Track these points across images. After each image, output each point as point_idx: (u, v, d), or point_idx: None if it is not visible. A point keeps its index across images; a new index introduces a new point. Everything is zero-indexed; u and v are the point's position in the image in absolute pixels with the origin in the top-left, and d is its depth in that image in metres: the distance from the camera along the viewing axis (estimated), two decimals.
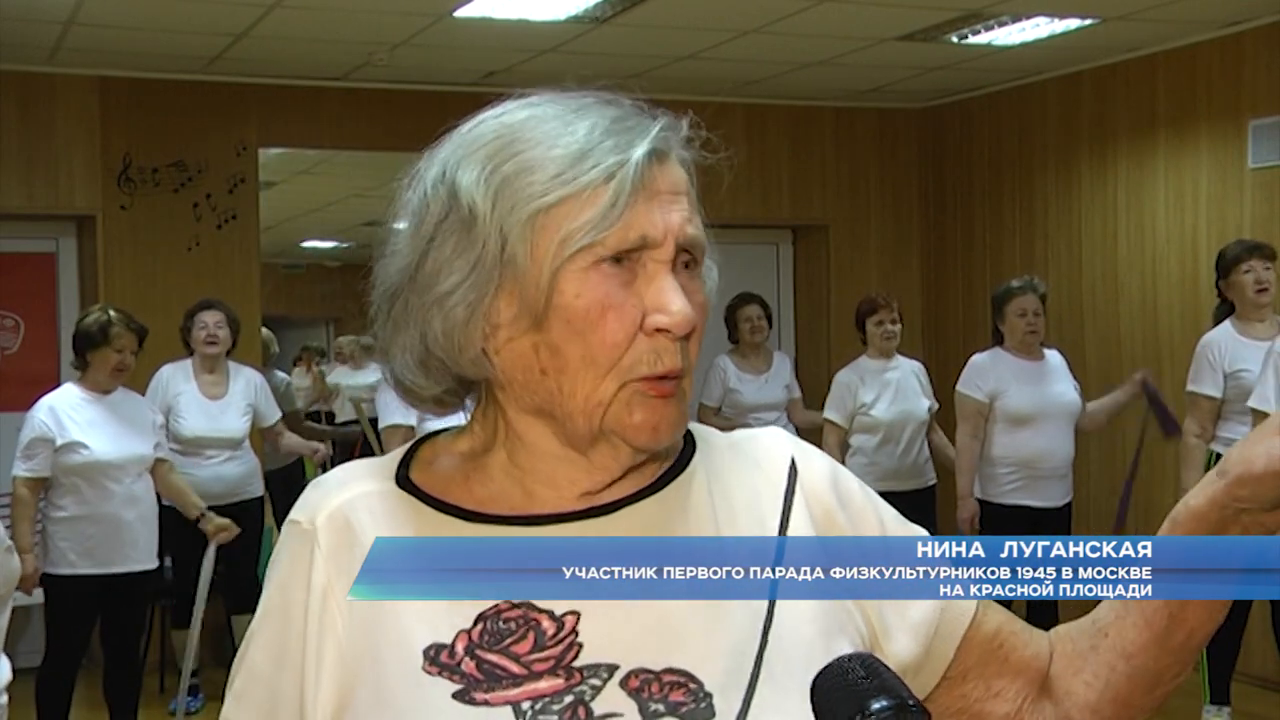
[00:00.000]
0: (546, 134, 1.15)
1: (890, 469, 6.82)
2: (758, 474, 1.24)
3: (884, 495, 5.15)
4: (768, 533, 1.20)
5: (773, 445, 1.28)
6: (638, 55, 7.45)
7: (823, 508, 1.24)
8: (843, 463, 7.04)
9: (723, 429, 5.49)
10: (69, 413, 5.41)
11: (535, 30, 6.78)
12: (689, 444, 1.25)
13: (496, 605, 1.14)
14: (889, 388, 6.87)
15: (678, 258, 1.16)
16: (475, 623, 1.13)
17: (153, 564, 5.61)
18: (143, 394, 6.05)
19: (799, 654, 1.15)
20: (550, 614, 1.13)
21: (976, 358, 6.43)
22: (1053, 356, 6.44)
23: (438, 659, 1.12)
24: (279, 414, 6.71)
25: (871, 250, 8.98)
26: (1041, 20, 6.85)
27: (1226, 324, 5.76)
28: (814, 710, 1.16)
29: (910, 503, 6.86)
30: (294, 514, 1.22)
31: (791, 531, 1.21)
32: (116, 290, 7.45)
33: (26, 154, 7.41)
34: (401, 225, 1.19)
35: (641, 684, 1.11)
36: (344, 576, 1.16)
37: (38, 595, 5.46)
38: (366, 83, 7.76)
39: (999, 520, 6.30)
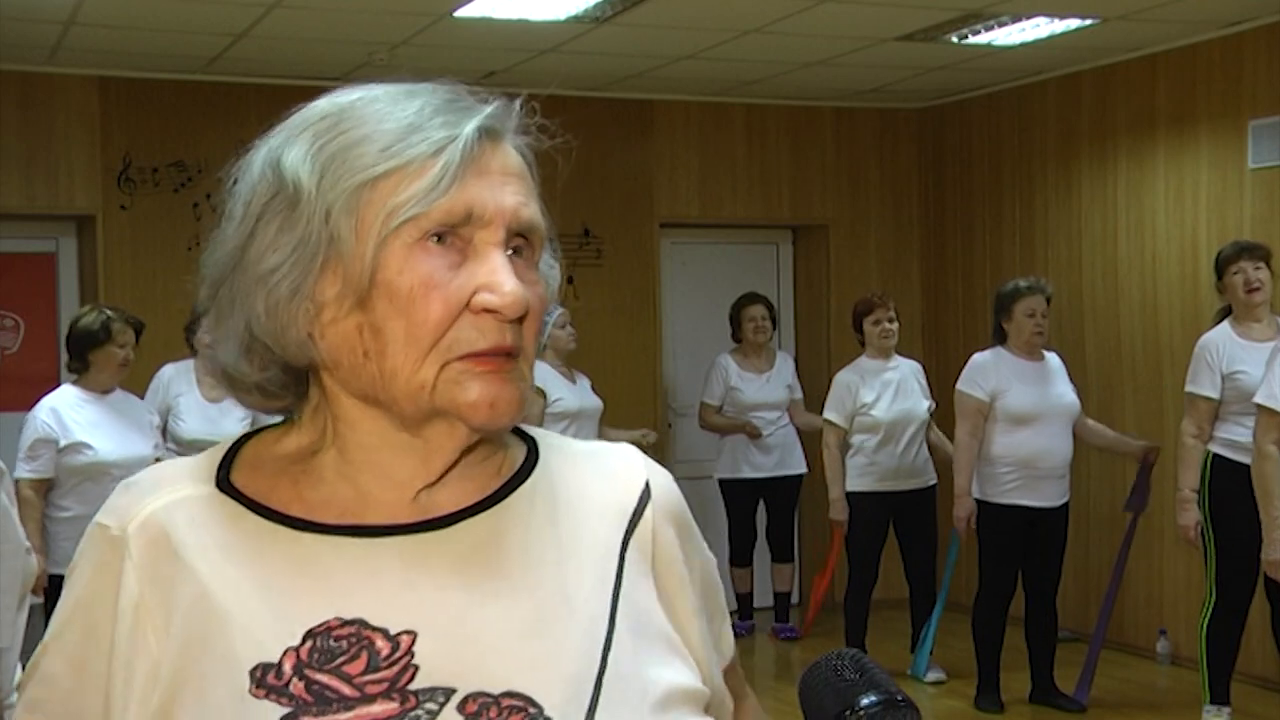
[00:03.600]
0: (376, 112, 1.12)
1: (890, 469, 6.84)
2: (610, 487, 1.20)
3: (885, 495, 5.23)
4: (611, 546, 1.16)
5: (628, 462, 1.23)
6: (638, 55, 7.45)
7: (666, 535, 1.20)
8: (843, 462, 7.11)
9: (724, 428, 5.59)
10: (70, 413, 5.40)
11: (535, 30, 6.78)
12: (532, 452, 1.21)
13: (327, 622, 1.08)
14: (889, 388, 6.88)
15: (510, 242, 1.11)
16: (304, 640, 1.07)
17: None
18: (142, 393, 6.05)
19: (638, 678, 1.11)
20: (385, 633, 1.08)
21: (978, 357, 6.44)
22: (1052, 358, 6.46)
23: (265, 680, 1.06)
24: (279, 416, 6.70)
25: (871, 250, 8.98)
26: (1041, 20, 6.85)
27: (1224, 325, 5.77)
28: (802, 707, 1.16)
29: (911, 502, 6.89)
30: (102, 516, 1.15)
31: (633, 549, 1.17)
32: (116, 290, 7.45)
33: (26, 154, 7.41)
34: (229, 213, 1.16)
35: (480, 708, 1.05)
36: (159, 589, 1.10)
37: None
38: (366, 83, 7.75)
39: (997, 519, 6.31)
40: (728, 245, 9.05)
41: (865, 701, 1.10)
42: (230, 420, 6.37)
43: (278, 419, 1.23)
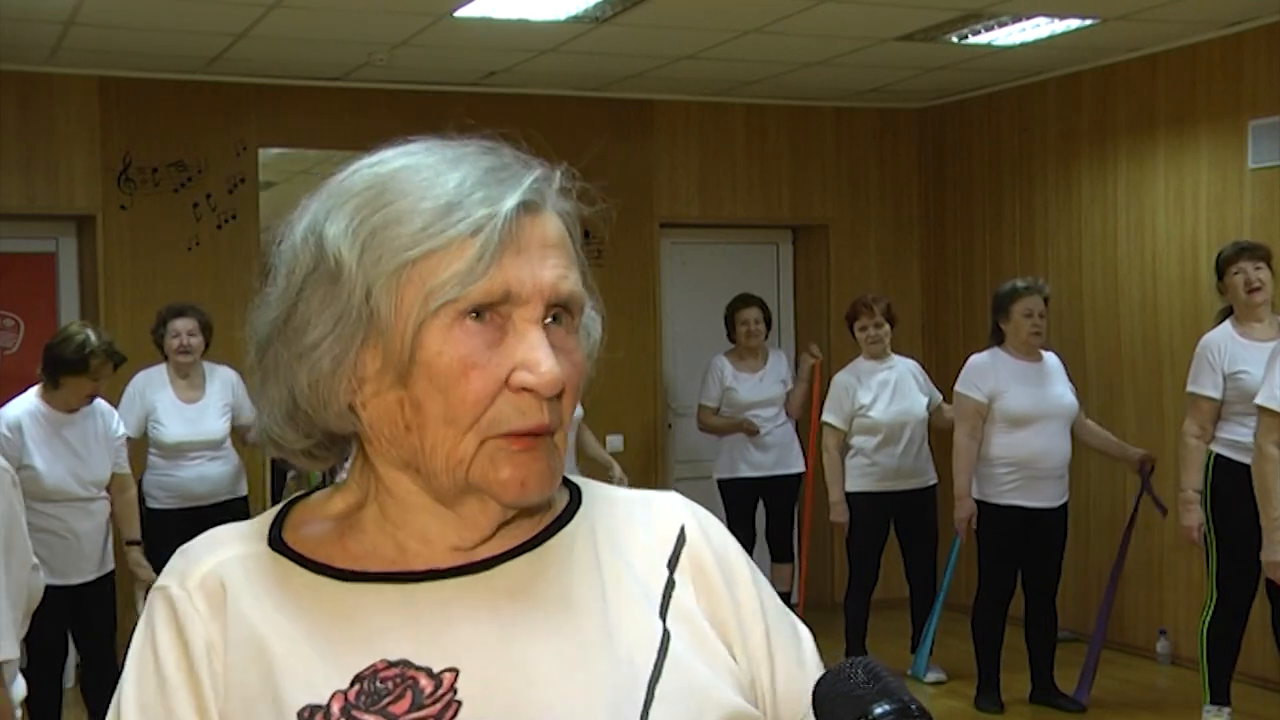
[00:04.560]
0: (417, 185, 1.12)
1: (891, 469, 6.83)
2: (649, 533, 1.22)
3: (885, 495, 5.23)
4: (654, 586, 1.19)
5: (668, 509, 1.25)
6: (638, 55, 7.45)
7: (704, 577, 1.21)
8: (843, 464, 7.09)
9: (722, 428, 5.63)
10: (31, 431, 5.28)
11: (535, 30, 6.78)
12: (574, 499, 1.23)
13: (374, 665, 1.11)
14: (886, 388, 6.88)
15: (548, 313, 1.12)
16: (352, 683, 1.11)
17: (107, 568, 5.51)
18: (117, 399, 5.98)
19: (691, 707, 1.12)
20: (428, 671, 1.11)
21: (976, 358, 6.43)
22: (1050, 358, 6.45)
23: None
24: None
25: (871, 250, 8.98)
26: (1041, 20, 6.85)
27: (1226, 324, 5.77)
28: (815, 715, 1.15)
29: (911, 502, 6.89)
30: (164, 580, 1.19)
31: (679, 588, 1.19)
32: (116, 290, 7.45)
33: (26, 154, 7.41)
34: (275, 277, 1.17)
35: None
36: (221, 635, 1.14)
37: None
38: (366, 83, 7.76)
39: (996, 520, 6.31)
40: (728, 245, 9.04)
41: (879, 710, 1.09)
42: (209, 419, 6.34)
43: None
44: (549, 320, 1.13)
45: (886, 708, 1.09)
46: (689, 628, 1.17)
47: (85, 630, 5.54)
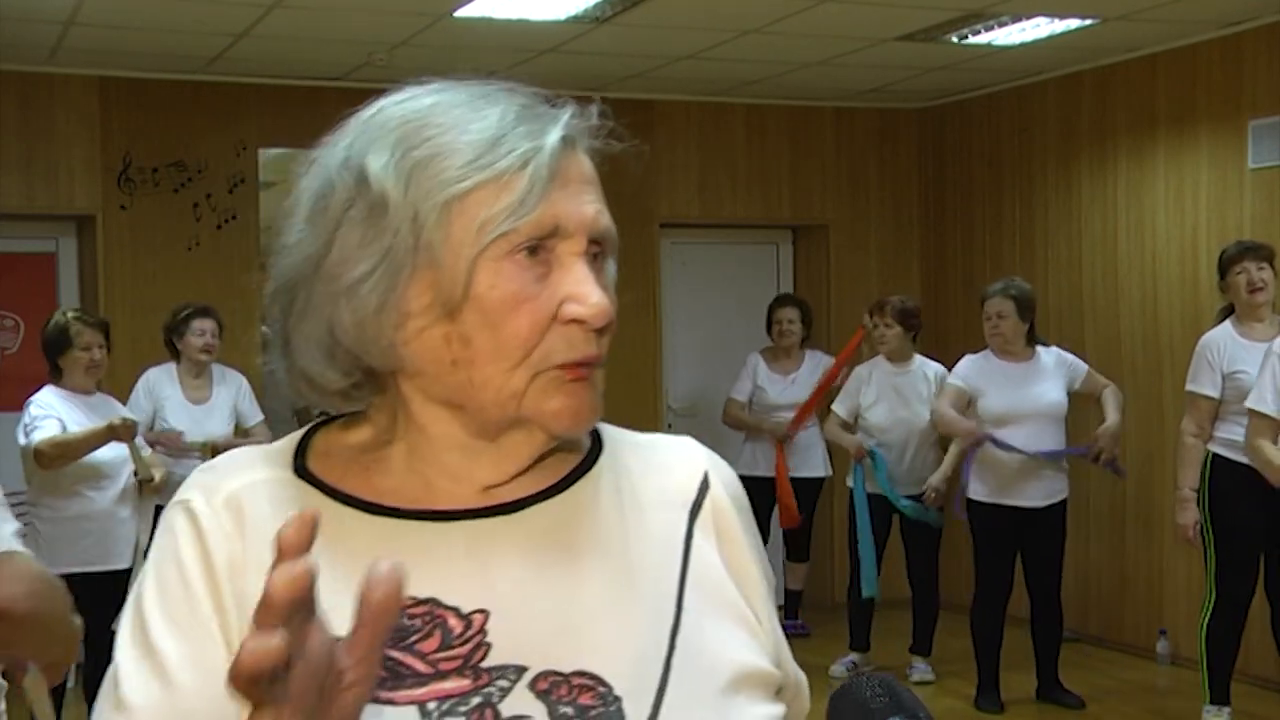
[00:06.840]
0: (457, 119, 1.12)
1: (890, 475, 6.79)
2: (669, 479, 1.22)
3: (886, 498, 5.13)
4: (676, 531, 1.19)
5: (687, 454, 1.26)
6: (638, 55, 7.45)
7: (725, 524, 1.22)
8: (845, 427, 7.06)
9: (748, 427, 5.61)
10: (65, 411, 5.40)
11: (535, 30, 6.78)
12: (596, 442, 1.23)
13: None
14: (892, 393, 6.85)
15: (588, 249, 1.13)
16: None
17: (129, 562, 5.58)
18: (126, 396, 6.06)
19: (707, 660, 1.13)
20: (457, 611, 1.10)
21: (969, 357, 6.48)
22: (1045, 356, 6.42)
23: None
24: (260, 417, 6.67)
25: (871, 250, 8.98)
26: (1041, 20, 6.85)
27: (1226, 324, 5.77)
28: None
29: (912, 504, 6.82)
30: (185, 494, 1.16)
31: (698, 534, 1.20)
32: (116, 290, 7.46)
33: (26, 154, 7.41)
34: (301, 215, 1.14)
35: (550, 686, 1.08)
36: (243, 559, 1.11)
37: None
38: (366, 83, 7.73)
39: (988, 519, 6.30)
40: (728, 245, 9.04)
41: None
42: (215, 420, 6.37)
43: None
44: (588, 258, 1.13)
45: None
46: (707, 579, 1.17)
47: (102, 623, 5.53)
